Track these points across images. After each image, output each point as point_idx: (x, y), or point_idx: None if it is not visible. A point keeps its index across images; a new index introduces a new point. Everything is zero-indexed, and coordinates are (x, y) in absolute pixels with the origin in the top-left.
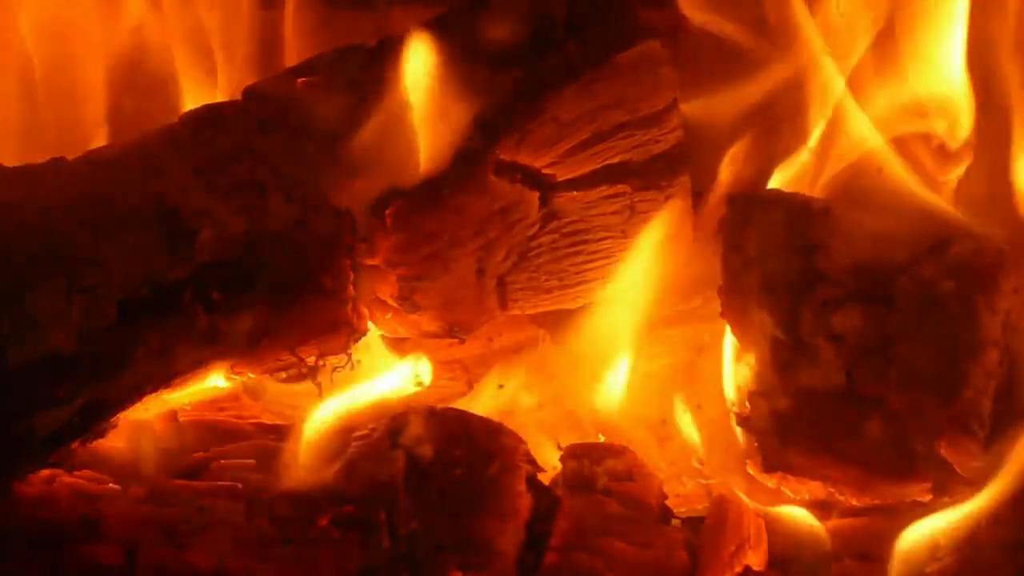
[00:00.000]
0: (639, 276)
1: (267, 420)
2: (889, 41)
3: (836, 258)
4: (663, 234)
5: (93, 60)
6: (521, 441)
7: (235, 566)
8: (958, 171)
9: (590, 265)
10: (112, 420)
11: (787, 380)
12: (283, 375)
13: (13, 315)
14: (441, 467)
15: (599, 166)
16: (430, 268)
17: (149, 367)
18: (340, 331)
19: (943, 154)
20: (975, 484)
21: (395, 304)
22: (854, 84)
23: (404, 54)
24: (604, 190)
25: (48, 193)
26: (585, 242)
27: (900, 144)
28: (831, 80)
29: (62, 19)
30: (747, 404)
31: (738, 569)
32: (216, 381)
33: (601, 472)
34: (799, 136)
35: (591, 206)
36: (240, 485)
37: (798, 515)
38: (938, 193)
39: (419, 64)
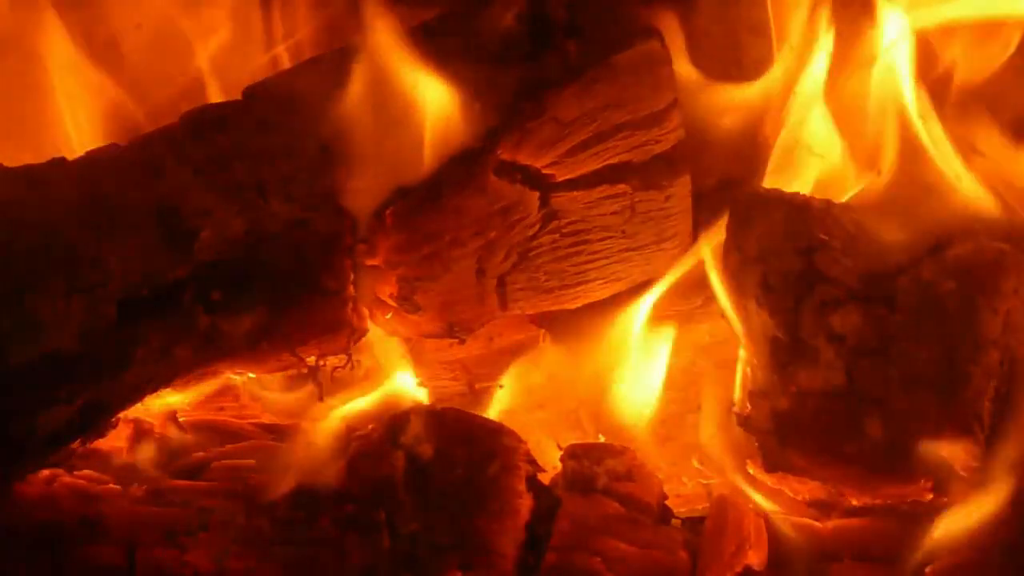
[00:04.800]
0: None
1: (267, 420)
2: None
3: (836, 258)
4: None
5: None
6: (521, 441)
7: (235, 566)
8: None
9: (590, 265)
10: (112, 420)
11: (787, 380)
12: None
13: (13, 315)
14: (441, 467)
15: (599, 166)
16: (430, 268)
17: (149, 367)
18: (340, 331)
19: None
20: (975, 484)
21: (395, 304)
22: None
23: (404, 54)
24: (604, 190)
25: (48, 193)
26: (585, 242)
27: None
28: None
29: None
30: (747, 404)
31: (738, 569)
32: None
33: (601, 472)
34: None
35: (591, 206)
36: (240, 485)
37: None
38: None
39: (419, 64)
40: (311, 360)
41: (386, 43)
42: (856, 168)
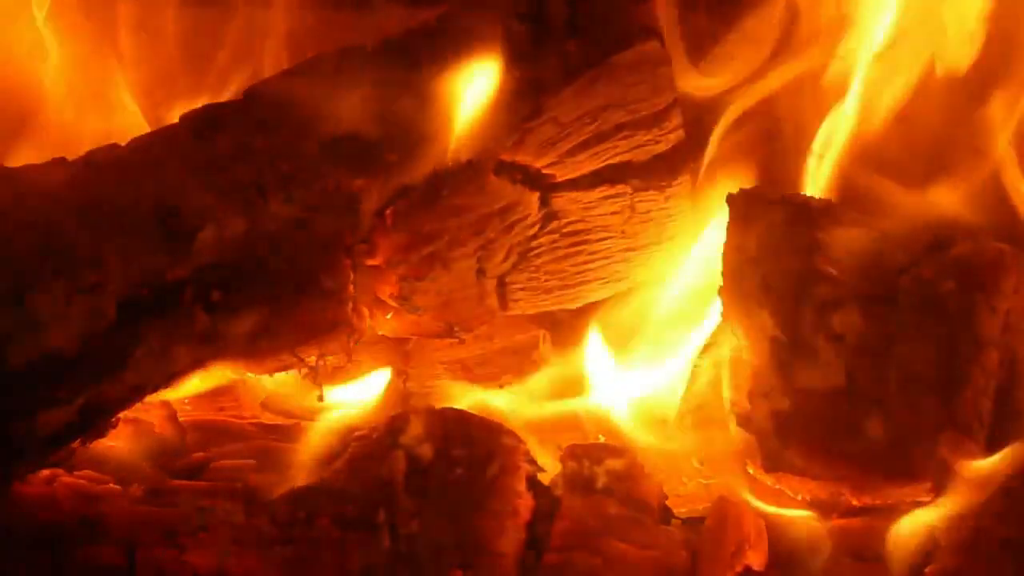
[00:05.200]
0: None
1: (267, 420)
2: None
3: (836, 258)
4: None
5: None
6: (521, 441)
7: (235, 566)
8: None
9: (590, 265)
10: (112, 420)
11: (787, 380)
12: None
13: (13, 315)
14: (441, 467)
15: (599, 166)
16: (430, 268)
17: (149, 367)
18: (340, 331)
19: None
20: (975, 484)
21: (395, 304)
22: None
23: (404, 54)
24: (604, 190)
25: (48, 193)
26: (585, 242)
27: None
28: (833, 80)
29: None
30: (747, 404)
31: (738, 569)
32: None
33: (601, 472)
34: (800, 136)
35: (591, 206)
36: (240, 485)
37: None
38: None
39: (419, 64)
40: (311, 360)
41: (390, 43)
42: None
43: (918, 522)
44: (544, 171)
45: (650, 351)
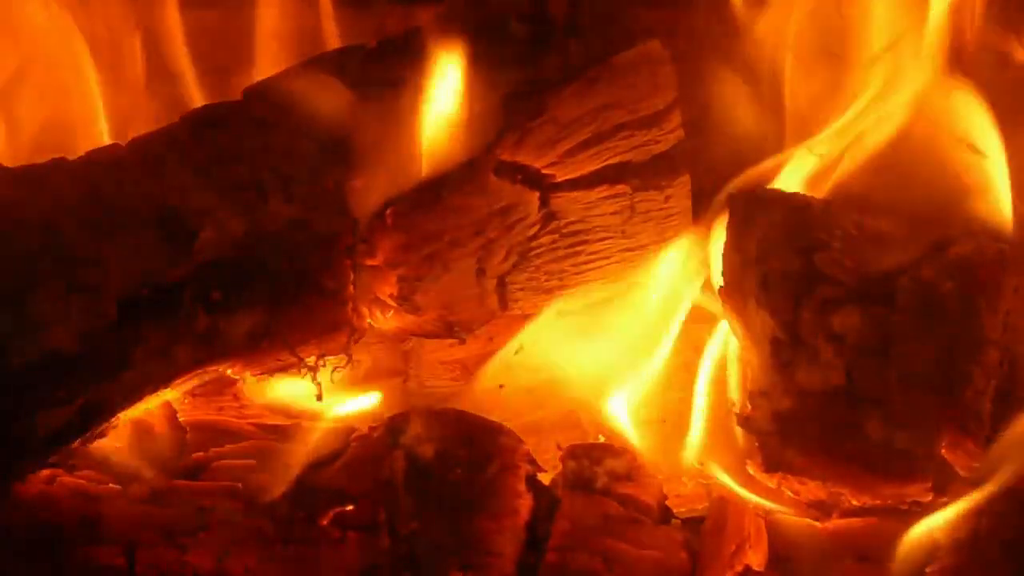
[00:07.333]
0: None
1: (267, 420)
2: None
3: (836, 258)
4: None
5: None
6: (521, 441)
7: (235, 566)
8: None
9: (590, 265)
10: (112, 420)
11: (787, 380)
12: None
13: (13, 315)
14: (441, 467)
15: (599, 166)
16: (430, 268)
17: (149, 367)
18: (340, 331)
19: None
20: (975, 484)
21: (395, 304)
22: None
23: (404, 54)
24: (604, 190)
25: (48, 193)
26: (585, 242)
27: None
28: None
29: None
30: (747, 404)
31: (738, 569)
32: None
33: (601, 472)
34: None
35: (591, 206)
36: (240, 485)
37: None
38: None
39: (419, 64)
40: (311, 360)
41: (390, 42)
42: None
43: (924, 525)
44: (544, 171)
45: (649, 351)
